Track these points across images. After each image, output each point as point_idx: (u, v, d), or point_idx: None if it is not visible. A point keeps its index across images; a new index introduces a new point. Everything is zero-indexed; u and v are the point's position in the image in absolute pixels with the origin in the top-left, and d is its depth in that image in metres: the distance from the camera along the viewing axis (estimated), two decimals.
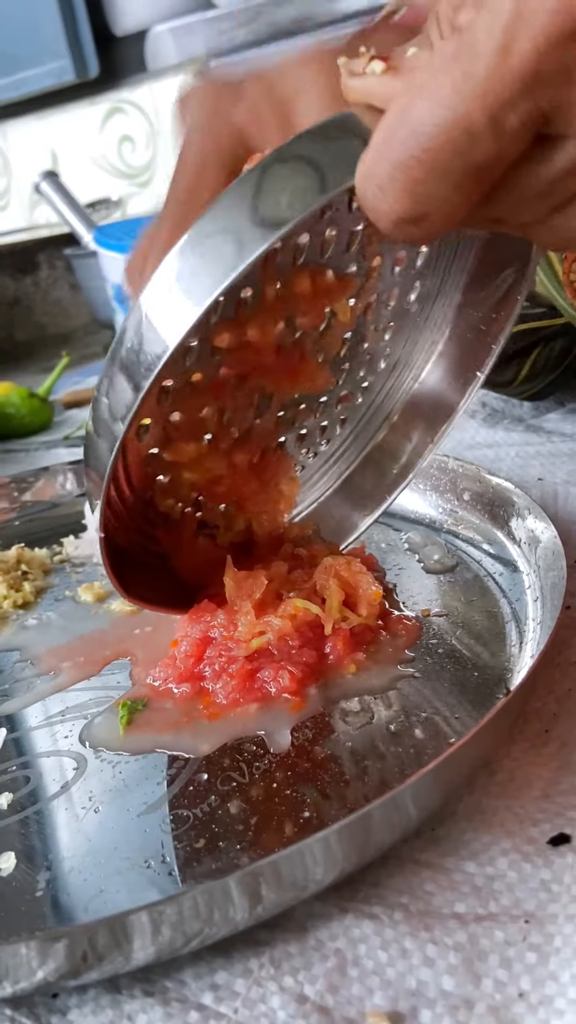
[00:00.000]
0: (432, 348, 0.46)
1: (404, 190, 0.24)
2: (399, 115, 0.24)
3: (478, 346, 0.44)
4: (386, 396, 0.47)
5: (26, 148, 1.62)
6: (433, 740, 0.35)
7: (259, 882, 0.26)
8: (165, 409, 0.37)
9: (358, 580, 0.42)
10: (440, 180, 0.24)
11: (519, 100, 0.22)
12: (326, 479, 0.50)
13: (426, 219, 0.25)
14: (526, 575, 0.45)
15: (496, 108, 0.22)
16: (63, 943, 0.25)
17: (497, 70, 0.22)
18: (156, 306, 0.30)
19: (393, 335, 0.44)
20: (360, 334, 0.42)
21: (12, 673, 0.45)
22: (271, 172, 0.28)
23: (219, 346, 0.36)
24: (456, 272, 0.42)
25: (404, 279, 0.40)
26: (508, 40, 0.21)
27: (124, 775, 0.36)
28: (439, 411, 0.47)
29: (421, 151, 0.23)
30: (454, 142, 0.23)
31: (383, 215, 0.25)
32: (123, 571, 0.41)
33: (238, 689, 0.39)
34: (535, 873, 0.29)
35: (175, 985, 0.27)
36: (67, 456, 0.80)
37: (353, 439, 0.49)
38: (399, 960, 0.26)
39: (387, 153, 0.24)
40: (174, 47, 1.38)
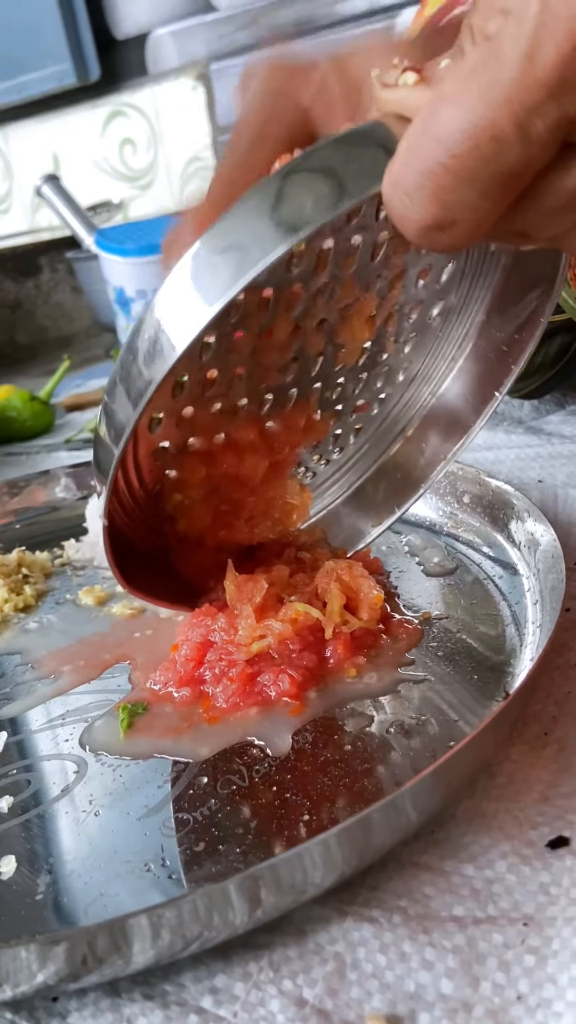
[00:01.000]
0: (452, 364, 0.45)
1: (431, 197, 0.24)
2: (426, 122, 0.24)
3: (498, 366, 0.43)
4: (403, 409, 0.47)
5: (27, 151, 1.62)
6: (432, 743, 0.35)
7: (259, 885, 0.26)
8: (179, 403, 0.37)
9: (359, 584, 0.42)
10: (467, 187, 0.24)
11: (545, 107, 0.22)
12: (337, 487, 0.50)
13: (453, 226, 0.25)
14: (526, 578, 0.45)
15: (522, 115, 0.22)
16: (63, 946, 0.25)
17: (523, 77, 0.22)
18: (174, 301, 0.30)
19: (414, 348, 0.44)
20: (380, 344, 0.42)
21: (13, 676, 0.46)
22: (295, 177, 0.28)
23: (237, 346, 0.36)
24: (482, 290, 0.42)
25: (428, 293, 0.40)
26: (533, 48, 0.22)
27: (125, 778, 0.36)
28: (455, 427, 0.46)
29: (448, 158, 0.23)
30: (481, 149, 0.23)
31: (410, 222, 0.25)
32: (125, 563, 0.41)
33: (238, 693, 0.39)
34: (534, 876, 0.29)
35: (174, 988, 0.27)
36: (68, 459, 0.80)
37: (367, 450, 0.49)
38: (398, 963, 0.26)
39: (414, 160, 0.24)
40: (175, 50, 1.38)
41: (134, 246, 1.14)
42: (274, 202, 0.27)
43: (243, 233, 0.28)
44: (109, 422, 0.33)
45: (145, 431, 0.37)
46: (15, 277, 1.34)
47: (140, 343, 0.30)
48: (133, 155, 1.50)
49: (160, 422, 0.37)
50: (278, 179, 0.28)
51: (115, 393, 0.32)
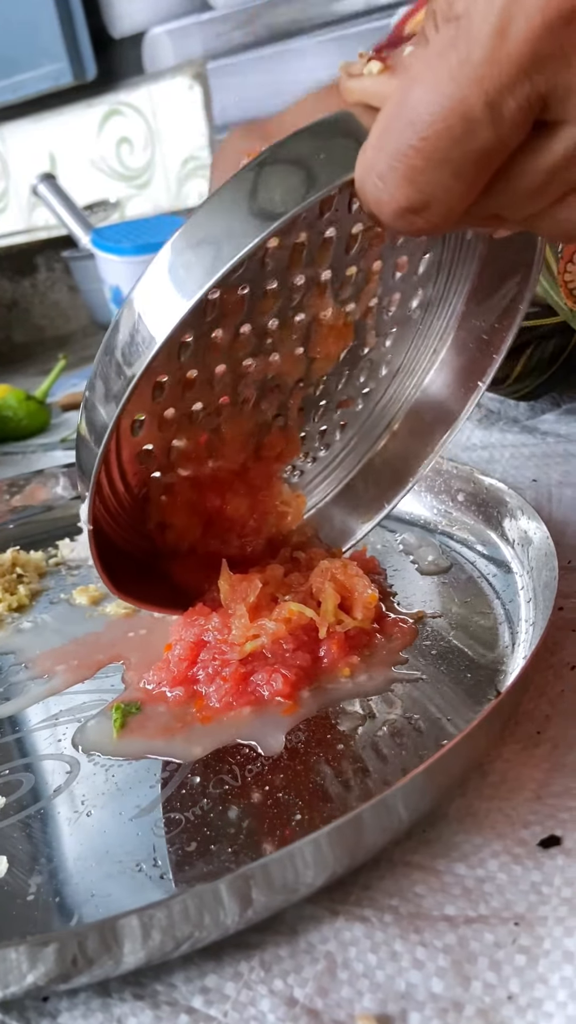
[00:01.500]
0: (434, 356, 0.46)
1: (404, 179, 0.24)
2: (398, 105, 0.24)
3: (480, 355, 0.44)
4: (387, 403, 0.47)
5: (24, 150, 1.62)
6: (425, 742, 0.35)
7: (250, 885, 0.26)
8: (160, 405, 0.37)
9: (354, 583, 0.42)
10: (440, 168, 0.23)
11: (516, 84, 0.22)
12: (326, 485, 0.50)
13: (427, 209, 0.24)
14: (519, 576, 0.45)
15: (493, 93, 0.22)
16: (53, 947, 0.25)
17: (494, 54, 0.22)
18: (150, 297, 0.30)
19: (395, 342, 0.44)
20: (360, 339, 0.42)
21: (6, 676, 0.46)
22: (267, 169, 0.28)
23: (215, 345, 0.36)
24: (460, 280, 0.42)
25: (406, 285, 0.40)
26: (504, 23, 0.21)
27: (117, 779, 0.36)
28: (441, 419, 0.46)
29: (419, 139, 0.23)
30: (452, 129, 0.23)
31: (384, 206, 0.25)
32: (114, 567, 0.41)
33: (231, 692, 0.39)
34: (525, 875, 0.29)
35: (165, 988, 0.27)
36: (64, 459, 0.80)
37: (354, 445, 0.49)
38: (389, 963, 0.26)
39: (386, 144, 0.24)
40: (171, 49, 1.38)
41: (131, 245, 1.14)
42: (248, 193, 0.28)
43: (217, 225, 0.28)
44: (90, 421, 0.33)
45: (128, 434, 0.37)
46: (11, 276, 1.33)
47: (118, 340, 0.30)
48: (130, 154, 1.50)
49: (143, 424, 0.37)
50: (250, 171, 0.28)
51: (95, 391, 0.32)
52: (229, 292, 0.34)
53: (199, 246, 0.28)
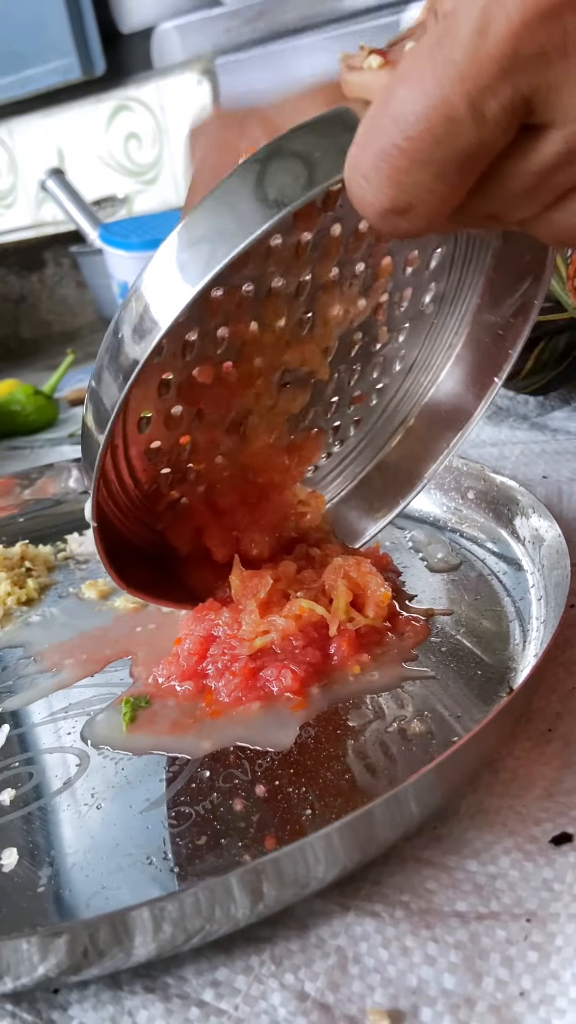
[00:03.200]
0: (449, 352, 0.45)
1: (388, 180, 0.24)
2: (382, 104, 0.23)
3: (495, 351, 0.43)
4: (402, 399, 0.47)
5: (32, 146, 1.62)
6: (436, 739, 0.35)
7: (261, 879, 0.26)
8: (166, 402, 0.37)
9: (367, 581, 0.42)
10: (422, 169, 0.23)
11: (498, 84, 0.21)
12: (339, 481, 0.49)
13: (411, 211, 0.24)
14: (530, 574, 0.44)
15: (475, 94, 0.22)
16: (64, 939, 0.25)
17: (475, 54, 0.21)
18: (156, 285, 0.30)
19: (408, 337, 0.44)
20: (372, 335, 0.42)
21: (16, 669, 0.46)
22: (272, 161, 0.28)
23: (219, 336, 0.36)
24: (474, 275, 0.42)
25: (417, 280, 0.40)
26: (485, 21, 0.21)
27: (126, 772, 0.36)
28: (456, 416, 0.46)
29: (403, 139, 0.23)
30: (434, 129, 0.22)
31: (368, 206, 0.25)
32: (123, 562, 0.41)
33: (240, 687, 0.39)
34: (537, 872, 0.29)
35: (176, 981, 0.27)
36: (71, 453, 0.80)
37: (368, 441, 0.49)
38: (400, 958, 0.26)
39: (370, 143, 0.24)
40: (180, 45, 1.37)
41: (138, 240, 1.14)
42: (254, 183, 0.28)
43: (225, 213, 0.28)
44: (96, 408, 0.33)
45: (135, 431, 0.37)
46: (19, 271, 1.33)
47: (125, 326, 0.30)
48: (138, 150, 1.50)
49: (149, 421, 0.37)
50: (255, 163, 0.28)
51: (101, 377, 0.32)
52: (232, 291, 0.34)
53: (205, 235, 0.29)
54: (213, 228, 0.28)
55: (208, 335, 0.35)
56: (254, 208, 0.28)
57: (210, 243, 0.28)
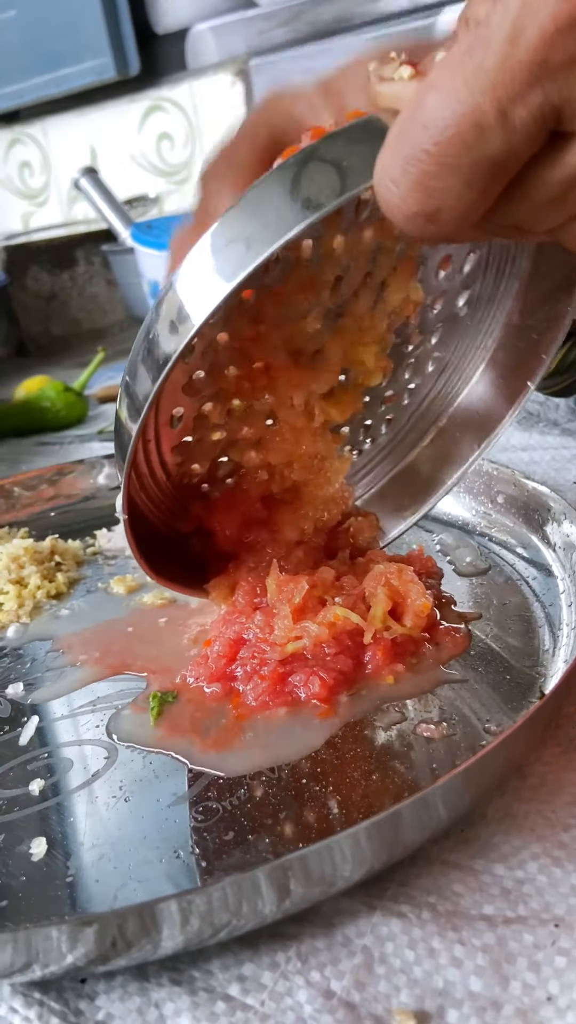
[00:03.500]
0: (483, 355, 0.45)
1: (416, 184, 0.24)
2: (413, 109, 0.24)
3: (529, 355, 0.43)
4: (434, 400, 0.47)
5: (66, 144, 1.63)
6: (464, 743, 0.35)
7: (288, 876, 0.26)
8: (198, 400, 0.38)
9: (408, 590, 0.41)
10: (451, 175, 0.23)
11: (528, 92, 0.22)
12: (370, 479, 0.49)
13: (439, 215, 0.24)
14: (560, 579, 0.44)
15: (505, 101, 0.22)
16: (93, 928, 0.25)
17: (506, 61, 0.21)
18: (191, 281, 0.30)
19: (442, 339, 0.44)
20: (404, 336, 0.42)
21: (44, 662, 0.46)
22: (306, 166, 0.28)
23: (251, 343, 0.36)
24: (510, 278, 0.42)
25: (451, 284, 0.40)
26: (517, 30, 0.21)
27: (154, 766, 0.36)
28: (487, 419, 0.46)
29: (432, 144, 0.23)
30: (463, 135, 0.22)
31: (396, 210, 0.25)
32: (152, 551, 0.41)
33: (268, 692, 0.38)
34: (565, 878, 0.28)
35: (202, 975, 0.27)
36: (101, 450, 0.81)
37: (399, 441, 0.49)
38: (426, 959, 0.26)
39: (400, 147, 0.24)
40: (215, 46, 1.38)
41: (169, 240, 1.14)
42: (289, 187, 0.28)
43: (259, 215, 0.29)
44: (130, 401, 0.33)
45: (167, 427, 0.37)
46: (51, 269, 1.34)
47: (160, 322, 0.31)
48: (170, 150, 1.50)
49: (181, 419, 0.38)
50: (289, 168, 0.28)
51: (136, 371, 0.32)
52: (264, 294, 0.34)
53: (239, 235, 0.29)
54: (247, 229, 0.29)
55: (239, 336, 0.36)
56: (288, 210, 0.28)
57: (244, 243, 0.29)
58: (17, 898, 0.30)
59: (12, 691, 0.43)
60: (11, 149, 1.71)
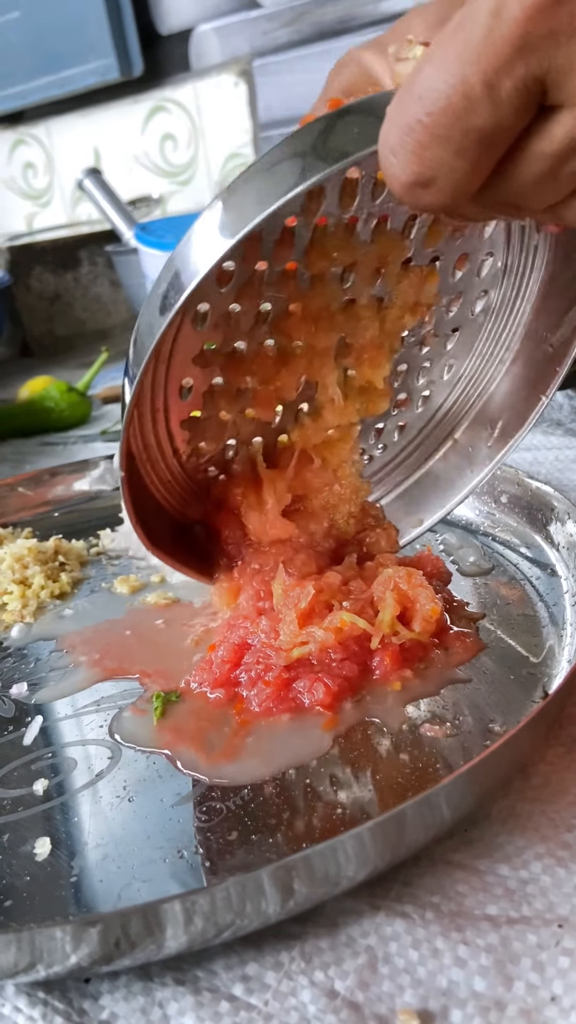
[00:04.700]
0: (499, 366, 0.45)
1: (411, 153, 0.25)
2: (409, 82, 0.24)
3: (545, 368, 0.43)
4: (450, 411, 0.47)
5: (70, 145, 1.63)
6: (467, 743, 0.35)
7: (292, 876, 0.26)
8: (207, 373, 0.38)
9: (418, 594, 0.40)
10: (443, 144, 0.24)
11: (512, 65, 0.22)
12: (383, 488, 0.49)
13: (433, 183, 0.25)
14: (564, 579, 0.44)
15: (491, 73, 0.23)
16: (97, 928, 0.25)
17: (490, 35, 0.22)
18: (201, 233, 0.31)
19: (457, 346, 0.44)
20: (418, 337, 0.42)
21: (48, 662, 0.46)
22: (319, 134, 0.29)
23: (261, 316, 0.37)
24: (527, 288, 0.42)
25: (467, 286, 0.40)
26: (500, 5, 0.22)
27: (158, 766, 0.36)
28: (500, 434, 0.46)
29: (425, 115, 0.24)
30: (453, 106, 0.23)
31: (394, 178, 0.26)
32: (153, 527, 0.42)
33: (272, 698, 0.38)
34: (569, 878, 0.28)
35: (206, 975, 0.27)
36: (104, 450, 0.81)
37: (414, 451, 0.48)
38: (430, 959, 0.26)
39: (397, 118, 0.25)
40: (218, 46, 1.38)
41: (173, 240, 1.14)
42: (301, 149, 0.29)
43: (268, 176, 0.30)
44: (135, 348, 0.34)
45: (176, 397, 0.38)
46: (55, 270, 1.35)
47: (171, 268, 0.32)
48: (174, 151, 1.50)
49: (191, 390, 0.38)
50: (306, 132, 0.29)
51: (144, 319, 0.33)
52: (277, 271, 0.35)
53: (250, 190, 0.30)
54: (256, 186, 0.30)
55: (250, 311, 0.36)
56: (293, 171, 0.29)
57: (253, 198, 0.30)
58: (21, 898, 0.30)
59: (16, 691, 0.43)
60: (15, 150, 1.71)
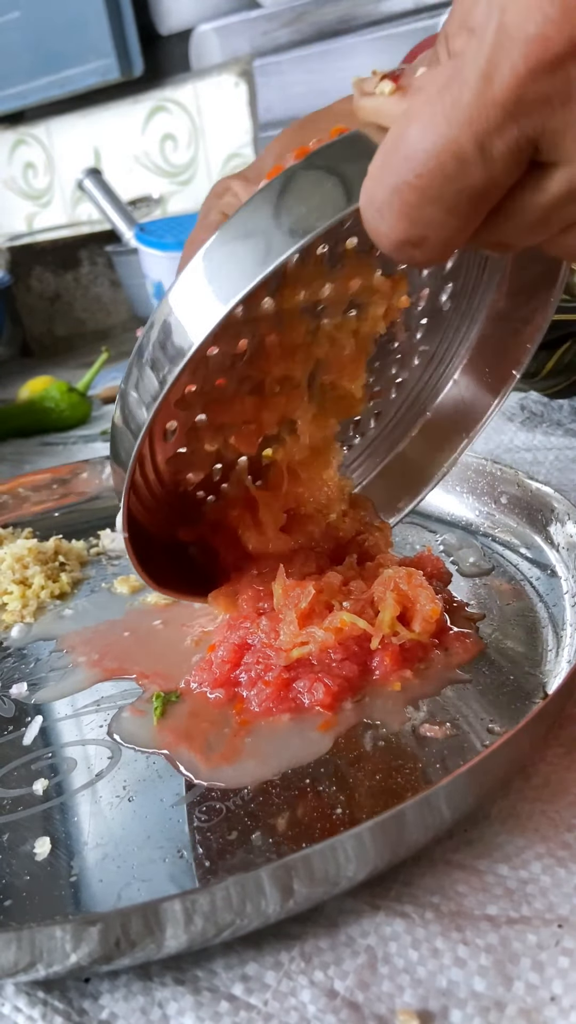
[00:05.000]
0: (468, 345, 0.46)
1: (401, 214, 0.24)
2: (395, 140, 0.24)
3: (513, 345, 0.43)
4: (421, 391, 0.47)
5: (70, 145, 1.63)
6: (467, 743, 0.35)
7: (291, 876, 0.26)
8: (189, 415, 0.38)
9: (418, 595, 0.40)
10: (434, 205, 0.24)
11: (504, 128, 0.22)
12: (360, 472, 0.50)
13: (424, 242, 0.25)
14: (564, 580, 0.44)
15: (483, 135, 0.22)
16: (97, 927, 0.25)
17: (481, 98, 0.22)
18: (184, 303, 0.30)
19: (427, 333, 0.44)
20: (390, 334, 0.42)
21: (48, 662, 0.46)
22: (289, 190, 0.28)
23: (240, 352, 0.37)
24: (491, 270, 0.42)
25: (434, 280, 0.40)
26: (491, 68, 0.22)
27: (157, 766, 0.36)
28: (474, 410, 0.47)
29: (414, 176, 0.24)
30: (444, 168, 0.23)
31: (383, 237, 0.26)
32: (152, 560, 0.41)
33: (271, 698, 0.38)
34: (569, 878, 0.28)
35: (206, 975, 0.27)
36: (104, 451, 0.81)
37: (388, 433, 0.49)
38: (430, 959, 0.26)
39: (384, 178, 0.25)
40: (218, 46, 1.38)
41: (173, 240, 1.15)
42: (272, 212, 0.28)
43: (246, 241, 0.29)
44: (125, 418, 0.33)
45: (160, 440, 0.38)
46: (55, 270, 1.35)
47: (150, 347, 0.31)
48: (174, 151, 1.50)
49: (174, 432, 0.38)
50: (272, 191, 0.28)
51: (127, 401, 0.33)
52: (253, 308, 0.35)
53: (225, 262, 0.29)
54: (234, 255, 0.29)
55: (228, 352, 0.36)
56: (275, 236, 0.28)
57: (231, 269, 0.29)
58: (21, 897, 0.30)
59: (16, 691, 0.44)
60: (15, 150, 1.71)
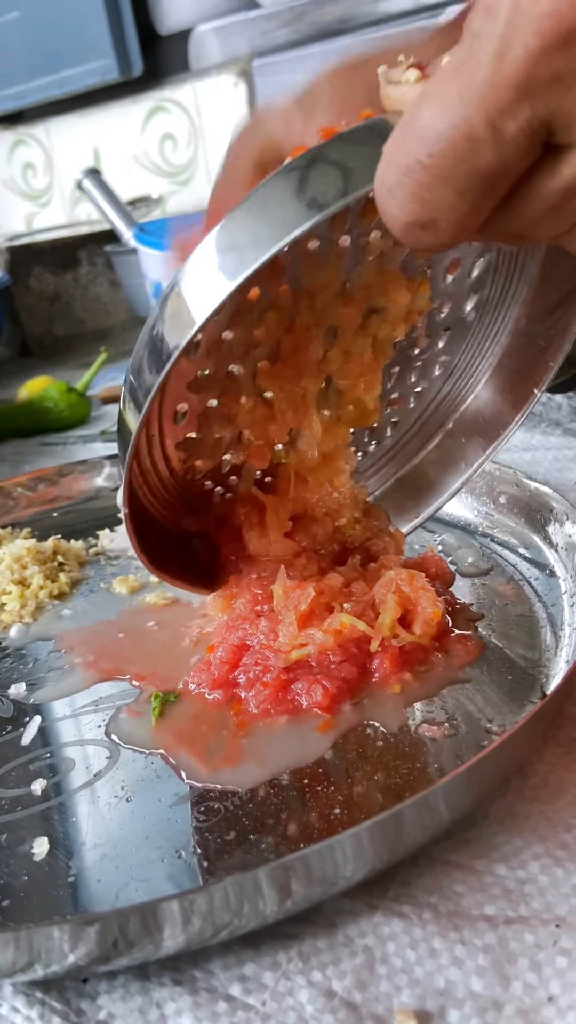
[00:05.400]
0: (490, 359, 0.45)
1: (411, 195, 0.24)
2: (409, 121, 0.24)
3: (536, 362, 0.43)
4: (441, 404, 0.47)
5: (69, 145, 1.63)
6: (466, 743, 0.35)
7: (289, 876, 0.26)
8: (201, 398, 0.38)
9: (419, 597, 0.40)
10: (445, 186, 0.24)
11: (516, 107, 0.22)
12: (376, 480, 0.49)
13: (434, 225, 0.25)
14: (563, 580, 0.44)
15: (495, 114, 0.22)
16: (95, 928, 0.25)
17: (493, 77, 0.22)
18: (195, 278, 0.30)
19: (449, 343, 0.44)
20: (410, 339, 0.42)
21: (47, 662, 0.46)
22: (312, 168, 0.28)
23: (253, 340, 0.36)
24: (518, 284, 0.42)
25: (458, 288, 0.40)
26: (504, 46, 0.21)
27: (156, 766, 0.36)
28: (493, 425, 0.46)
29: (426, 156, 0.23)
30: (456, 148, 0.23)
31: (393, 219, 0.25)
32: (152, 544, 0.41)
33: (270, 699, 0.38)
34: (567, 878, 0.28)
35: (204, 975, 0.27)
36: (104, 451, 0.81)
37: (406, 444, 0.48)
38: (427, 959, 0.26)
39: (396, 158, 0.24)
40: (218, 46, 1.38)
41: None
42: (297, 185, 0.28)
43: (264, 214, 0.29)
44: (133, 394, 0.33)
45: (171, 422, 0.37)
46: (54, 270, 1.35)
47: (165, 317, 0.31)
48: (173, 151, 1.50)
49: (185, 415, 0.38)
50: (296, 169, 0.28)
51: (140, 368, 0.32)
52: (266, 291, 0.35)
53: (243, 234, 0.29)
54: (253, 227, 0.29)
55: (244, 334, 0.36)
56: (293, 210, 0.28)
57: (250, 241, 0.29)
58: (19, 898, 0.30)
59: (15, 691, 0.44)
60: (15, 150, 1.71)
